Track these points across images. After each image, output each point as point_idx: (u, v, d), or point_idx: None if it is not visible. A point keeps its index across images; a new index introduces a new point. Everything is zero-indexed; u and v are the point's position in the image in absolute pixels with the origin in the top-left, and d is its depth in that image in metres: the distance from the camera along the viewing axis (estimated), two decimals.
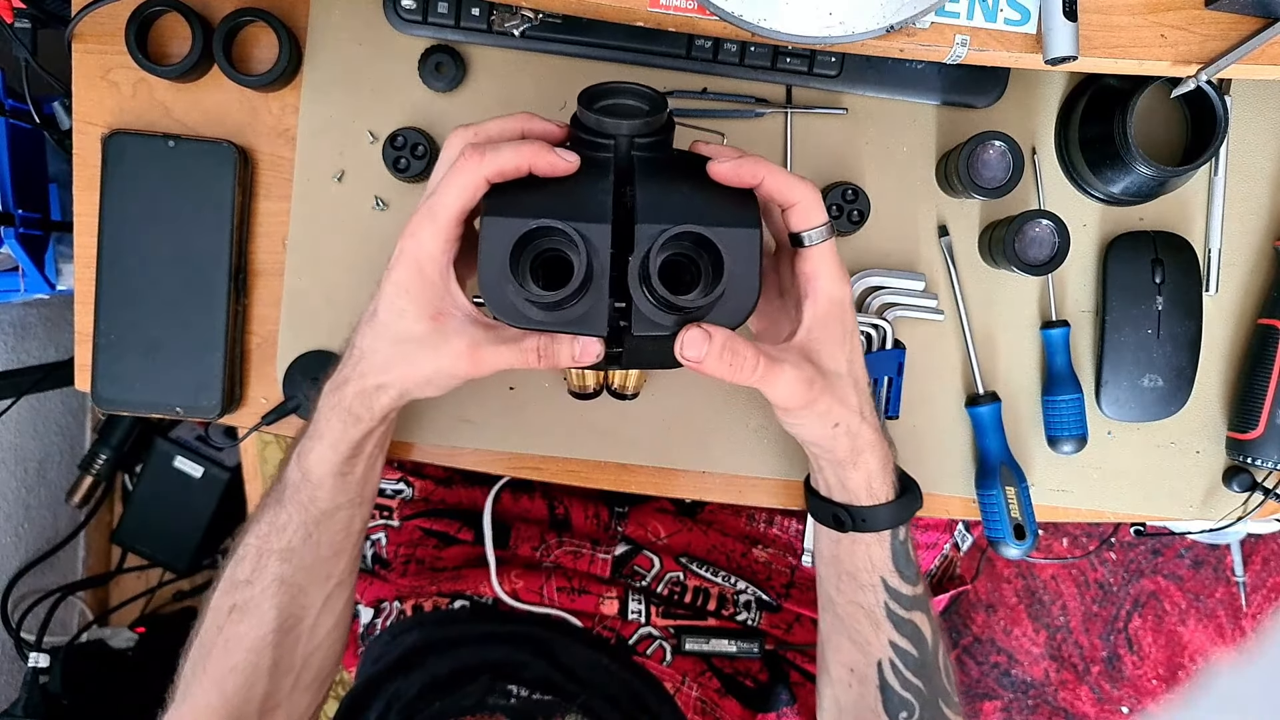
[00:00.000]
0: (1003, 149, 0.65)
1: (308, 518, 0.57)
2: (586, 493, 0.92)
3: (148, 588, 1.40)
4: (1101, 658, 1.47)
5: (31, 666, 1.09)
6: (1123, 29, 0.56)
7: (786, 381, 0.50)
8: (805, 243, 0.51)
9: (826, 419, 0.53)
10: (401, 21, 0.68)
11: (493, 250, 0.46)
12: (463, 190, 0.48)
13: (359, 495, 0.58)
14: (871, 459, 0.55)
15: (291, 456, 0.57)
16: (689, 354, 0.46)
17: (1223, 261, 0.71)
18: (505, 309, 0.47)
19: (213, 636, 0.58)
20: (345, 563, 0.60)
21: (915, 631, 0.58)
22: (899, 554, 0.57)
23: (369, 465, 0.58)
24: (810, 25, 0.53)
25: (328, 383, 0.56)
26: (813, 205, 0.51)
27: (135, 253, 0.68)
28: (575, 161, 0.48)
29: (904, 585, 0.58)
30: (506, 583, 0.81)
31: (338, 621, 0.61)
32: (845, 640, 0.60)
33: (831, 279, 0.52)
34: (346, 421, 0.54)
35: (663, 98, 0.52)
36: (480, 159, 0.48)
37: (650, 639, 0.81)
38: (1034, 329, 0.72)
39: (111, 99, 0.69)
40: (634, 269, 0.46)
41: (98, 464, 1.26)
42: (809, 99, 0.70)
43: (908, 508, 0.57)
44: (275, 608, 0.57)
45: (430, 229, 0.49)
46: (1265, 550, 1.45)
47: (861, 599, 0.58)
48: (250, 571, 0.57)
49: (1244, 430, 0.70)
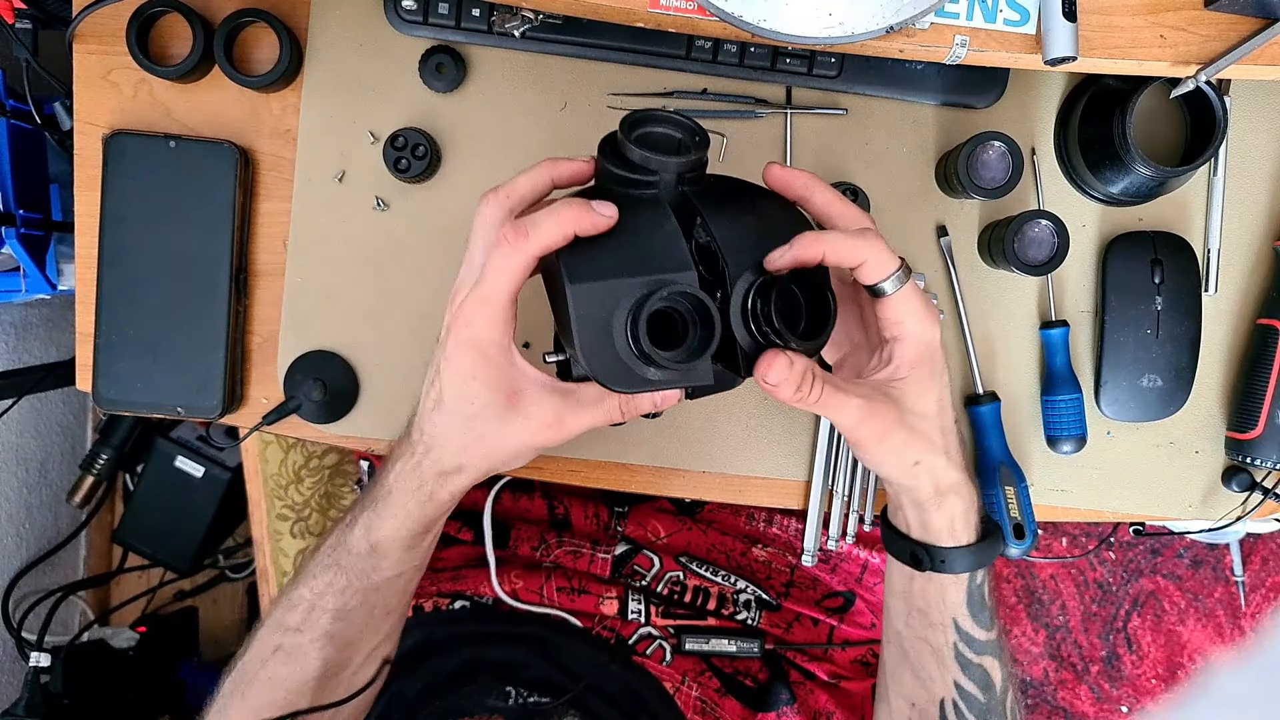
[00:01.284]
0: (1002, 149, 0.65)
1: (368, 585, 0.57)
2: (586, 492, 0.92)
3: (149, 587, 1.40)
4: (1100, 657, 1.47)
5: (33, 666, 1.09)
6: (1122, 29, 0.56)
7: (851, 410, 0.49)
8: (884, 293, 0.50)
9: (904, 456, 0.52)
10: (402, 22, 0.68)
11: (589, 321, 0.44)
12: (513, 274, 0.47)
13: (421, 562, 0.59)
14: (956, 502, 0.54)
15: (357, 525, 0.57)
16: (772, 379, 0.46)
17: (1222, 261, 0.72)
18: (619, 378, 0.46)
19: (255, 669, 0.58)
20: (395, 619, 0.61)
21: (984, 676, 0.57)
22: (974, 597, 0.56)
23: (434, 537, 0.59)
24: (810, 26, 0.53)
25: (397, 462, 0.55)
26: (880, 258, 0.48)
27: (136, 253, 0.68)
28: (614, 214, 0.46)
29: (977, 629, 0.56)
30: (506, 583, 0.81)
31: (377, 670, 0.62)
32: (909, 674, 0.59)
33: (919, 322, 0.50)
34: (424, 503, 0.54)
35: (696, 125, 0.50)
36: (525, 240, 0.46)
37: (650, 639, 0.81)
38: (1033, 329, 0.72)
39: (112, 99, 0.69)
40: (736, 310, 0.45)
41: (99, 464, 1.26)
42: (809, 99, 0.71)
43: (989, 552, 0.55)
44: (321, 658, 0.57)
45: (486, 315, 0.48)
46: (1264, 550, 1.45)
47: (931, 637, 0.57)
48: (300, 621, 0.57)
49: (1243, 430, 0.70)
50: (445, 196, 0.71)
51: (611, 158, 0.49)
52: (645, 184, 0.48)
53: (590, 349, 0.45)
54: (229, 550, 1.44)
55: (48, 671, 1.11)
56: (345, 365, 0.71)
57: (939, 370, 0.52)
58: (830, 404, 0.48)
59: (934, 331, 0.51)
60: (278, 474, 1.10)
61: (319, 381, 0.70)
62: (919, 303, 0.50)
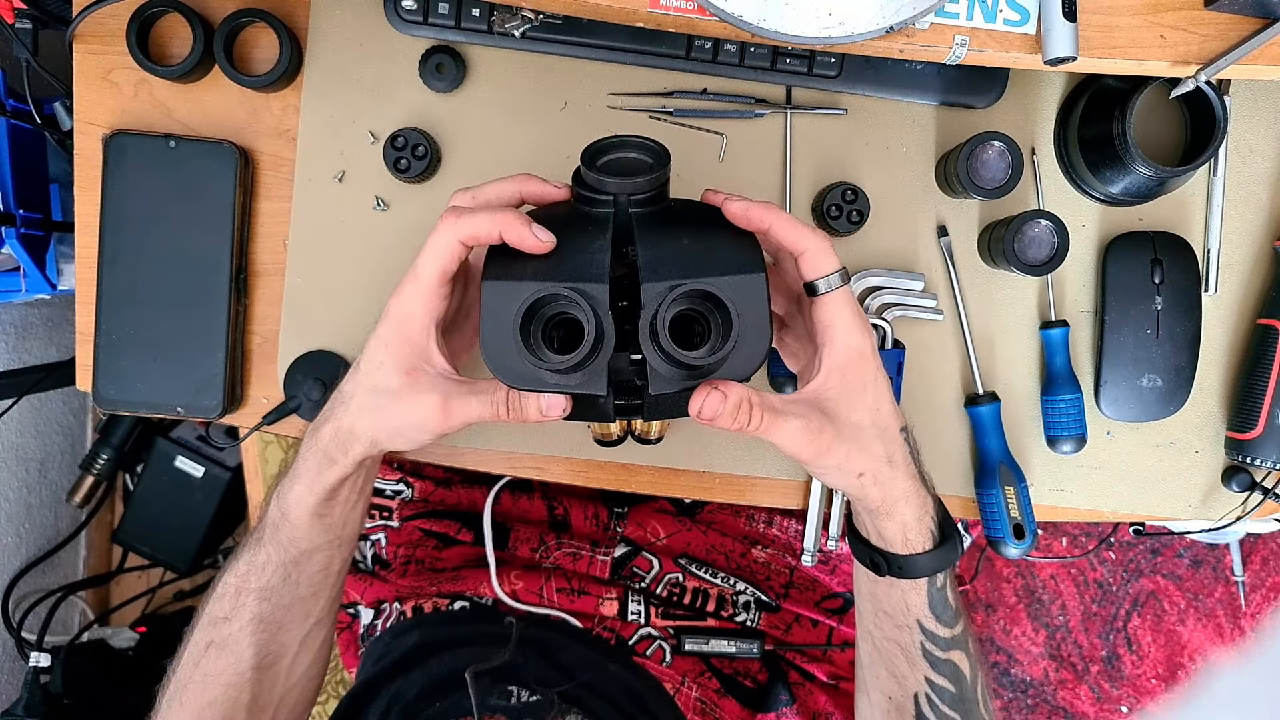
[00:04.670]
0: (1002, 149, 0.65)
1: (286, 558, 0.57)
2: (586, 493, 0.92)
3: (149, 587, 1.40)
4: (1101, 657, 1.47)
5: (32, 666, 1.09)
6: (1122, 29, 0.56)
7: (790, 433, 0.49)
8: (818, 291, 0.51)
9: (847, 470, 0.52)
10: (402, 22, 0.68)
11: (494, 316, 0.46)
12: (438, 252, 0.50)
13: (337, 537, 0.59)
14: (906, 509, 0.54)
15: (272, 496, 0.58)
16: (706, 413, 0.47)
17: (1222, 261, 0.72)
18: (512, 375, 0.47)
19: (189, 672, 0.58)
20: (324, 602, 0.60)
21: (953, 669, 0.58)
22: (936, 599, 0.56)
23: (347, 508, 0.58)
24: (810, 25, 0.53)
25: (310, 424, 0.57)
26: (822, 253, 0.50)
27: (136, 253, 0.68)
28: (549, 241, 0.48)
29: (941, 628, 0.57)
30: (506, 583, 0.81)
31: (315, 659, 0.62)
32: (883, 670, 0.60)
33: (847, 328, 0.51)
34: (322, 464, 0.55)
35: (665, 151, 0.51)
36: (455, 221, 0.49)
37: (650, 639, 0.81)
38: (1033, 329, 0.72)
39: (112, 99, 0.69)
40: (644, 327, 0.45)
41: (99, 464, 1.26)
42: (809, 99, 0.71)
43: (946, 557, 0.55)
44: (253, 645, 0.57)
45: (411, 289, 0.51)
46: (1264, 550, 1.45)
47: (898, 637, 0.58)
48: (229, 609, 0.58)
49: (1243, 430, 0.70)
50: (445, 196, 0.70)
51: (575, 178, 0.52)
52: (601, 203, 0.50)
53: (491, 342, 0.47)
54: (229, 550, 1.44)
55: (48, 671, 1.11)
56: (345, 365, 0.71)
57: (870, 379, 0.52)
58: (771, 429, 0.49)
59: (863, 339, 0.52)
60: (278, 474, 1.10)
61: (319, 381, 0.70)
62: (850, 310, 0.51)
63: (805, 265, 0.51)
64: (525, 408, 0.50)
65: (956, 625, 0.57)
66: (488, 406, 0.51)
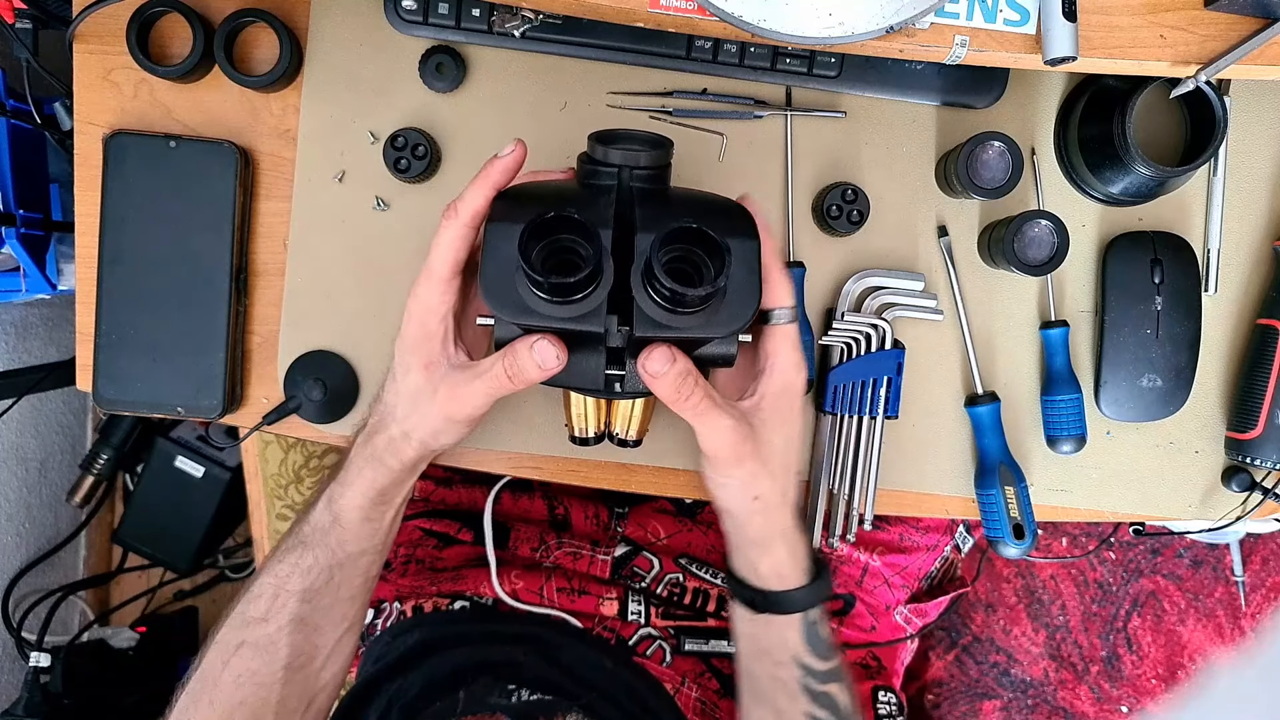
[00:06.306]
0: (1002, 149, 0.65)
1: (334, 560, 0.58)
2: (586, 493, 0.92)
3: (149, 587, 1.40)
4: (1101, 657, 1.47)
5: (33, 666, 1.09)
6: (1122, 29, 0.56)
7: (720, 428, 0.52)
8: (770, 320, 0.54)
9: (750, 487, 0.55)
10: (402, 22, 0.68)
11: (496, 252, 0.48)
12: (448, 245, 0.53)
13: (382, 542, 0.60)
14: (781, 548, 0.57)
15: (319, 502, 0.59)
16: (652, 367, 0.48)
17: (1222, 261, 0.72)
18: (509, 305, 0.48)
19: (217, 671, 0.58)
20: (359, 608, 0.62)
21: (830, 701, 0.60)
22: (811, 634, 0.58)
23: (395, 514, 0.60)
24: (810, 26, 0.53)
25: (359, 435, 0.59)
26: (782, 286, 0.54)
27: (136, 253, 0.68)
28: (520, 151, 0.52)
29: (818, 662, 0.59)
30: (506, 583, 0.81)
31: (343, 665, 0.62)
32: (763, 707, 0.62)
33: (789, 362, 0.55)
34: (378, 470, 0.57)
35: (668, 141, 0.53)
36: (455, 214, 0.52)
37: (650, 640, 0.81)
38: (1033, 329, 0.72)
39: (113, 99, 0.69)
40: (638, 269, 0.47)
41: (99, 464, 1.26)
42: (809, 99, 0.71)
43: (818, 593, 0.58)
44: (289, 646, 0.58)
45: (426, 283, 0.54)
46: (1264, 550, 1.45)
47: (777, 673, 0.60)
48: (265, 610, 0.58)
49: (1243, 430, 0.70)
50: (445, 196, 0.70)
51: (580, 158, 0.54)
52: (605, 176, 0.52)
53: (492, 274, 0.48)
54: (229, 550, 1.44)
55: (48, 671, 1.11)
56: (345, 365, 0.71)
57: (794, 415, 0.56)
58: (706, 415, 0.51)
59: (798, 378, 0.56)
60: (278, 474, 1.10)
61: (319, 381, 0.70)
62: (793, 346, 0.55)
63: (768, 292, 0.53)
64: (524, 366, 0.50)
65: (832, 658, 0.60)
66: (490, 380, 0.52)
